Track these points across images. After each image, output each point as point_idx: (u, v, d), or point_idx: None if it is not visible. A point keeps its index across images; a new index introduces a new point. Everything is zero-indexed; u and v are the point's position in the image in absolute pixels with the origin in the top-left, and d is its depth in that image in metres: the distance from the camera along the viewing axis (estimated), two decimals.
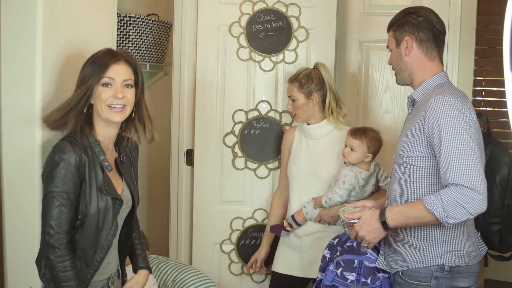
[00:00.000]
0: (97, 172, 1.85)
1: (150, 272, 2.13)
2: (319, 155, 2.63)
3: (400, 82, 2.14)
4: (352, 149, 2.47)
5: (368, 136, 2.47)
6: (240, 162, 2.96)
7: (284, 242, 2.71)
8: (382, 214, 1.91)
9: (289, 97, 2.66)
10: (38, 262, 1.89)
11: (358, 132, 2.48)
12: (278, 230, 2.66)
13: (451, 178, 1.79)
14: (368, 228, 1.92)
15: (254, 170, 2.96)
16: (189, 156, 3.03)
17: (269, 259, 2.85)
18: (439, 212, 1.78)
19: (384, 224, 1.90)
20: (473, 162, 1.79)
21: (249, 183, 2.97)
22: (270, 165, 2.96)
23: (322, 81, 2.61)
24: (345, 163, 2.54)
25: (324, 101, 2.61)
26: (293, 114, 2.67)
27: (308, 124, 2.66)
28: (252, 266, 2.88)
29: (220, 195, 2.96)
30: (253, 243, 2.95)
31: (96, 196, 1.83)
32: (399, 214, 1.89)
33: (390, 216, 1.89)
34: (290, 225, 2.61)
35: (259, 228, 2.96)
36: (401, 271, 2.01)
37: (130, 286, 2.05)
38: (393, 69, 2.14)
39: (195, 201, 2.97)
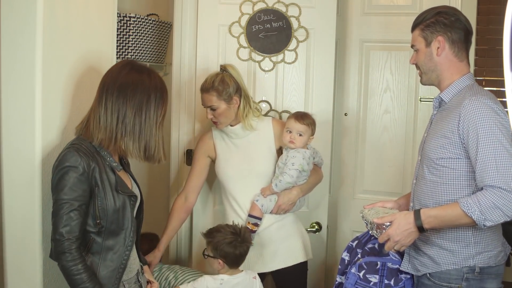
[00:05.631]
0: (108, 174, 1.90)
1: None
2: (251, 151, 2.62)
3: (425, 82, 2.12)
4: (300, 134, 2.51)
5: (311, 119, 2.56)
6: None
7: None
8: (417, 217, 1.89)
9: (207, 107, 2.57)
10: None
11: (305, 118, 2.54)
12: None
13: (488, 180, 1.80)
14: (404, 232, 1.90)
15: None
16: (189, 156, 3.03)
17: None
18: (477, 215, 1.78)
19: (419, 227, 1.89)
20: (510, 164, 1.80)
21: None
22: None
23: (236, 81, 2.57)
24: (283, 148, 2.57)
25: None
26: (215, 122, 2.59)
27: (231, 126, 2.61)
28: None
29: (220, 195, 2.96)
30: None
31: (112, 197, 1.89)
32: (435, 217, 1.88)
33: (425, 219, 1.88)
34: (255, 224, 2.55)
35: None
36: (429, 273, 2.00)
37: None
38: (418, 68, 2.11)
39: None
